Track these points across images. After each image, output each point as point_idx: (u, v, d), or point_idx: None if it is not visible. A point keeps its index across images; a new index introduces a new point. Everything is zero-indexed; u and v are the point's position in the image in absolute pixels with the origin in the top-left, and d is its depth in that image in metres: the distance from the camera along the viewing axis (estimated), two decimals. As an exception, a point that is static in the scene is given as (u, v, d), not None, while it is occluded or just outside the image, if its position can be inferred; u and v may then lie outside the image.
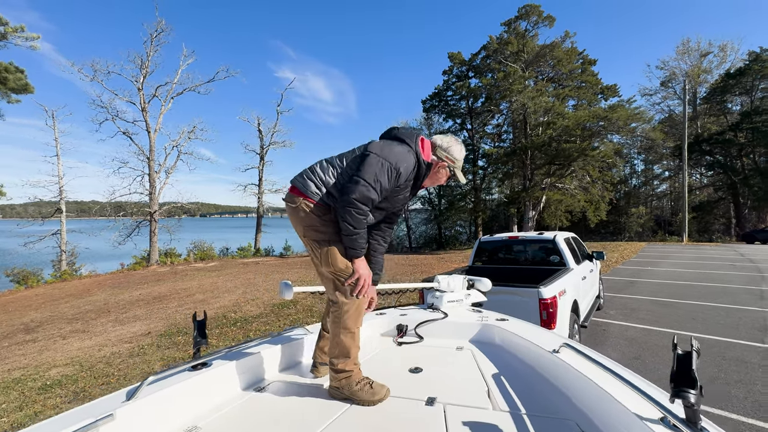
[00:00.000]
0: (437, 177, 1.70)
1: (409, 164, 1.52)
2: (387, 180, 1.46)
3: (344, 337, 1.48)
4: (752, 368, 3.98)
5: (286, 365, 1.69)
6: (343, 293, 1.50)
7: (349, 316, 1.50)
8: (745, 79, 27.60)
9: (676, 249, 18.30)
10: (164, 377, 1.30)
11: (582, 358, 1.30)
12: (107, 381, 4.63)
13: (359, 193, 1.40)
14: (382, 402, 1.32)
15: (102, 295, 11.75)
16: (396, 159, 1.48)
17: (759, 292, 7.72)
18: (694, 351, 0.89)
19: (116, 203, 20.83)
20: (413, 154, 1.55)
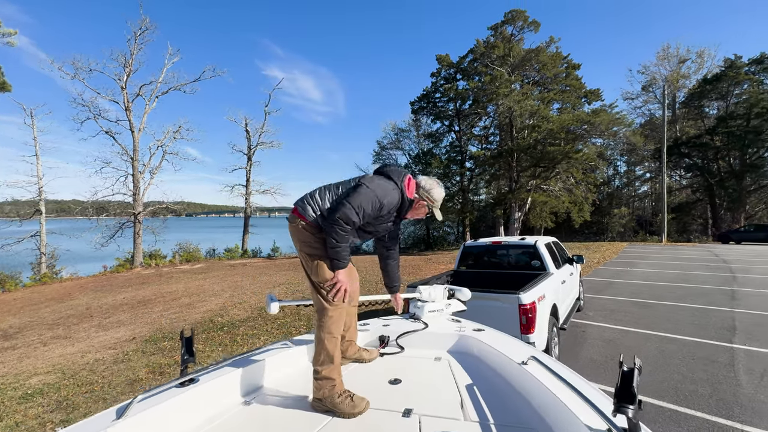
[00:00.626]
0: (418, 212, 1.96)
1: (393, 200, 1.77)
2: (370, 208, 1.69)
3: (328, 342, 1.64)
4: (719, 367, 4.20)
5: (271, 379, 1.76)
6: (327, 300, 1.69)
7: (333, 321, 1.69)
8: (721, 84, 28.63)
9: (656, 249, 18.90)
10: (153, 395, 1.35)
11: (545, 371, 1.41)
12: (91, 389, 4.59)
13: (343, 213, 1.62)
14: (361, 414, 1.41)
15: (84, 299, 11.52)
16: (382, 193, 1.73)
17: (730, 292, 8.08)
18: (636, 369, 1.00)
19: (99, 203, 20.36)
20: (398, 192, 1.81)
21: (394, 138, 31.16)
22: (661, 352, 4.71)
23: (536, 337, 3.64)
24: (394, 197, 1.78)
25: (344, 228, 1.63)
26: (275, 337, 6.06)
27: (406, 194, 1.84)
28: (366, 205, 1.67)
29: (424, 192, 1.90)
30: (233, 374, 1.58)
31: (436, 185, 1.93)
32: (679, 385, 3.82)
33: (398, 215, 1.89)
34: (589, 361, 4.51)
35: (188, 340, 1.50)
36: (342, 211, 1.62)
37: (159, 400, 1.32)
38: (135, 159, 20.19)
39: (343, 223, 1.62)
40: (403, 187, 1.83)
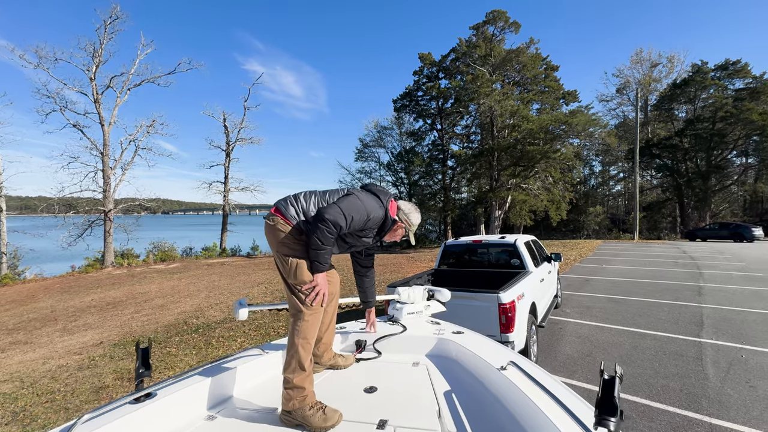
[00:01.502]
0: (395, 234, 2.01)
1: (378, 216, 1.82)
2: (358, 218, 1.72)
3: (302, 348, 1.57)
4: (688, 362, 4.35)
5: (239, 390, 1.65)
6: (304, 303, 1.64)
7: (309, 326, 1.63)
8: (689, 89, 29.94)
9: (629, 246, 19.60)
10: (102, 413, 1.23)
11: (525, 377, 1.37)
12: (52, 398, 4.32)
13: (333, 215, 1.63)
14: (334, 428, 1.33)
15: (49, 302, 10.91)
16: (370, 207, 1.78)
17: (697, 288, 8.43)
18: (617, 377, 0.96)
19: (66, 200, 19.31)
20: (383, 210, 1.86)
21: (376, 136, 31.09)
22: (634, 348, 4.84)
23: (515, 336, 3.66)
24: (379, 214, 1.83)
25: (331, 230, 1.63)
26: (253, 339, 5.88)
27: (390, 214, 1.89)
28: (355, 213, 1.70)
29: (403, 215, 1.95)
30: (196, 386, 1.46)
31: (414, 210, 1.99)
32: (651, 380, 3.92)
33: (378, 233, 1.93)
34: (566, 358, 4.58)
35: (144, 351, 1.38)
36: (332, 213, 1.63)
37: (108, 420, 1.20)
38: (105, 154, 19.26)
39: (331, 224, 1.62)
40: (387, 207, 1.88)
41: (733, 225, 22.89)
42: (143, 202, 21.85)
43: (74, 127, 18.91)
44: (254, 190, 26.35)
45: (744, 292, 7.85)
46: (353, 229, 1.76)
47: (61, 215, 19.16)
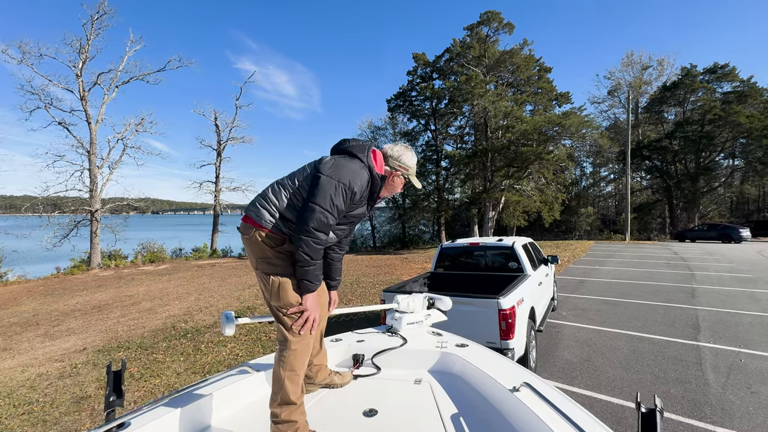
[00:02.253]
0: (393, 186, 1.71)
1: (363, 181, 1.50)
2: (342, 202, 1.44)
3: (289, 381, 1.38)
4: (687, 366, 4.29)
5: (221, 417, 1.49)
6: (291, 331, 1.44)
7: (297, 356, 1.43)
8: (679, 92, 30.38)
9: (621, 247, 19.75)
10: None
11: (541, 401, 1.25)
12: (29, 410, 4.09)
13: (316, 221, 1.37)
14: None
15: (31, 305, 10.54)
16: (349, 178, 1.45)
17: (690, 290, 8.45)
18: (657, 411, 0.85)
19: (50, 200, 18.78)
20: (366, 169, 1.54)
21: (370, 136, 30.87)
22: (633, 352, 4.78)
23: (516, 343, 3.55)
24: (363, 178, 1.51)
25: (319, 240, 1.38)
26: (243, 345, 5.70)
27: (375, 171, 1.58)
28: (337, 199, 1.42)
29: (394, 161, 1.66)
30: (175, 414, 1.31)
31: (405, 150, 1.69)
32: (652, 386, 3.85)
33: (371, 196, 1.63)
34: (565, 363, 4.50)
35: (116, 375, 1.22)
36: (312, 218, 1.36)
37: None
38: (92, 152, 18.78)
39: (317, 233, 1.37)
40: (370, 164, 1.57)
41: (721, 226, 23.24)
42: (132, 202, 21.40)
43: (60, 125, 18.43)
44: (246, 190, 26.01)
45: (736, 294, 7.88)
46: (342, 214, 1.50)
47: (45, 215, 18.64)
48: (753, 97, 26.97)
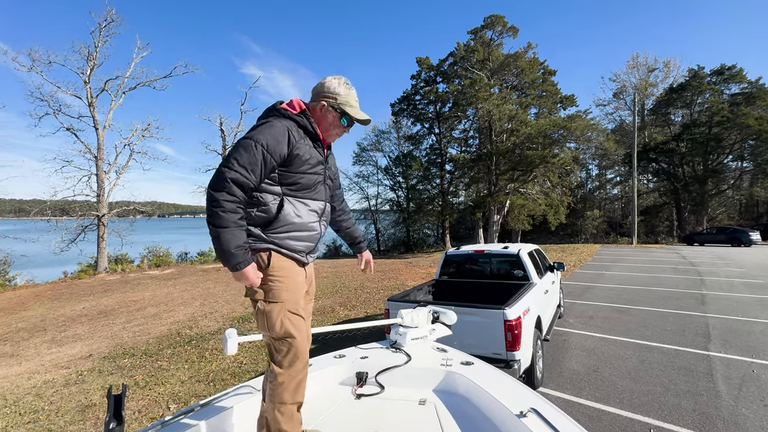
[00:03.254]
0: (325, 123, 1.52)
1: (277, 131, 1.36)
2: (254, 156, 1.29)
3: (279, 413, 1.31)
4: (698, 377, 4.20)
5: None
6: (277, 363, 1.36)
7: (285, 389, 1.34)
8: (686, 93, 30.09)
9: (628, 251, 19.53)
10: None
11: (548, 428, 1.21)
12: (35, 418, 4.11)
13: (214, 178, 1.27)
14: None
15: (39, 310, 10.64)
16: (253, 133, 1.34)
17: (700, 296, 8.31)
18: None
19: (59, 204, 19.02)
20: (279, 117, 1.42)
21: (374, 139, 30.98)
22: (641, 362, 4.69)
23: (522, 354, 3.50)
24: (277, 127, 1.36)
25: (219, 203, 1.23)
26: (248, 353, 5.68)
27: (291, 113, 1.45)
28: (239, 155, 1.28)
29: (317, 93, 1.51)
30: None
31: (332, 79, 1.52)
32: (662, 397, 3.77)
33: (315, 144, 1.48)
34: (572, 374, 4.43)
35: (117, 399, 1.20)
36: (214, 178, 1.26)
37: None
38: (99, 158, 19.02)
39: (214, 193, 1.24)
40: (284, 112, 1.44)
41: (730, 229, 22.91)
42: (138, 206, 21.61)
43: (68, 131, 18.72)
44: (251, 194, 26.11)
45: (747, 301, 7.74)
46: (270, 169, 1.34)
47: (54, 219, 18.88)
48: (762, 99, 26.62)
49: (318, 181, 1.51)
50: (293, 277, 1.43)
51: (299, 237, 1.46)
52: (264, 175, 1.34)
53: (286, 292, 1.39)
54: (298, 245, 1.46)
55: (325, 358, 2.05)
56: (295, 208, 1.44)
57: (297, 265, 1.48)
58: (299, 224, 1.45)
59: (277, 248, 1.41)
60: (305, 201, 1.47)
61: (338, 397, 1.77)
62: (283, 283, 1.39)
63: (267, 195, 1.39)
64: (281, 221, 1.41)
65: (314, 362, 2.00)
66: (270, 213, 1.39)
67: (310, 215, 1.49)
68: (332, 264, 18.52)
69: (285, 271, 1.41)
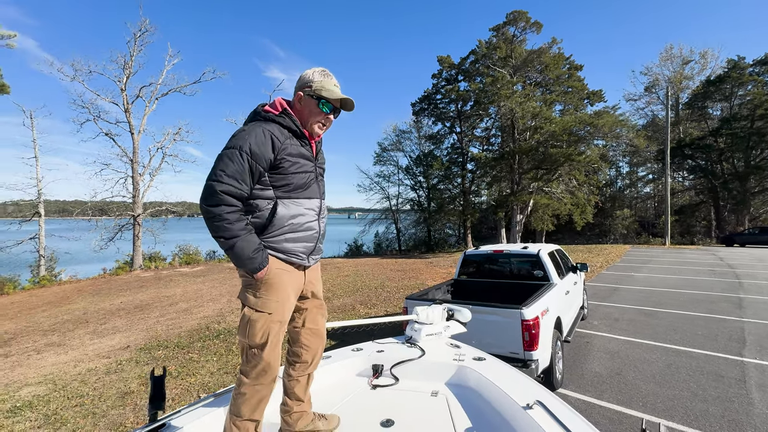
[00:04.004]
0: (306, 114, 1.47)
1: (258, 134, 1.33)
2: (234, 163, 1.28)
3: (234, 426, 1.30)
4: (729, 384, 4.04)
5: None
6: (246, 372, 1.34)
7: (246, 401, 1.32)
8: (725, 86, 28.40)
9: (659, 252, 18.69)
10: None
11: (552, 420, 1.27)
12: (81, 402, 4.47)
13: (205, 193, 1.26)
14: None
15: (81, 303, 11.41)
16: (236, 141, 1.32)
17: (737, 300, 7.90)
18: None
19: (98, 205, 20.27)
20: (260, 122, 1.41)
21: (395, 139, 31.03)
22: (668, 366, 4.55)
23: (540, 354, 3.50)
24: (256, 131, 1.34)
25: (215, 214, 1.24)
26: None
27: (272, 113, 1.43)
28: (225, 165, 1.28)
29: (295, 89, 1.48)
30: (212, 416, 1.44)
31: (306, 71, 1.49)
32: (689, 403, 3.67)
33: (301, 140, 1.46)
34: (594, 376, 4.36)
35: (158, 380, 1.36)
36: (203, 193, 1.26)
37: None
38: (135, 161, 20.10)
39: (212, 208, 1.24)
40: (264, 114, 1.44)
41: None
42: (170, 206, 22.66)
43: (106, 136, 19.86)
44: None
45: (790, 305, 7.29)
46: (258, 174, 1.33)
47: (94, 219, 20.12)
48: (811, 90, 24.77)
49: (310, 179, 1.49)
50: (285, 288, 1.41)
51: (296, 238, 1.44)
52: (254, 182, 1.34)
53: (276, 304, 1.37)
54: (296, 247, 1.44)
55: (343, 351, 2.16)
56: (290, 210, 1.42)
57: (295, 270, 1.46)
58: (295, 225, 1.43)
59: (275, 253, 1.39)
60: (300, 201, 1.45)
61: (355, 386, 1.88)
62: (277, 292, 1.38)
63: (260, 200, 1.38)
64: (276, 224, 1.39)
65: (333, 354, 2.12)
66: (264, 218, 1.38)
67: (306, 215, 1.47)
68: (354, 263, 18.76)
69: (278, 282, 1.39)
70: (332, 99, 1.47)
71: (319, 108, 1.46)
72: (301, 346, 1.55)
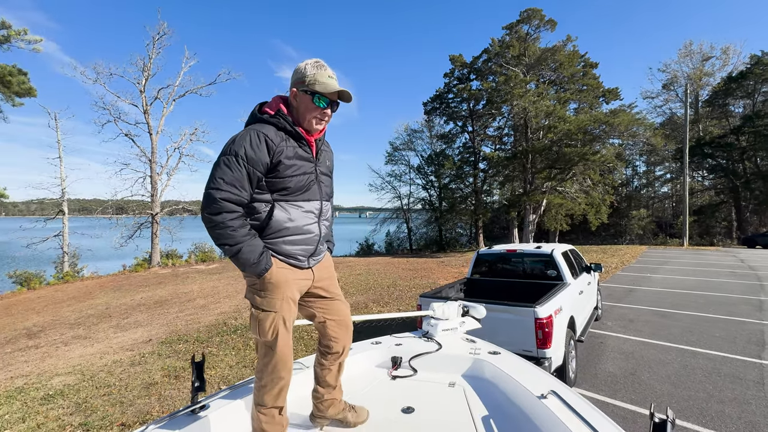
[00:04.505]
0: (301, 110, 1.44)
1: (252, 139, 1.32)
2: (232, 170, 1.28)
3: (261, 414, 1.36)
4: (747, 385, 4.01)
5: None
6: (263, 366, 1.40)
7: (267, 392, 1.38)
8: (747, 82, 27.56)
9: (677, 253, 18.29)
10: (165, 422, 1.34)
11: (566, 408, 1.34)
12: (109, 391, 4.69)
13: (206, 202, 1.26)
14: None
15: (104, 299, 11.84)
16: (232, 147, 1.31)
17: (758, 302, 7.73)
18: (669, 422, 0.93)
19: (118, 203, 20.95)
20: (256, 124, 1.39)
21: (406, 139, 31.07)
22: (684, 367, 4.53)
23: (553, 352, 3.54)
24: (251, 136, 1.33)
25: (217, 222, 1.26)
26: (287, 343, 6.07)
27: (268, 115, 1.41)
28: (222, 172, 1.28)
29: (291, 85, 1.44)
30: (244, 401, 1.56)
31: (298, 65, 1.45)
32: (705, 404, 3.65)
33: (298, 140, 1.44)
34: (608, 376, 4.37)
35: (198, 365, 1.48)
36: (204, 202, 1.26)
37: (171, 428, 1.31)
38: (153, 161, 20.67)
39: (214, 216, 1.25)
40: (261, 117, 1.42)
41: (800, 231, 20.75)
42: (186, 205, 23.21)
43: (126, 136, 20.49)
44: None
45: (814, 309, 7.11)
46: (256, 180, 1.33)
47: (114, 217, 20.79)
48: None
49: (310, 180, 1.46)
50: (290, 286, 1.42)
51: (294, 241, 1.43)
52: (253, 187, 1.34)
53: (281, 302, 1.39)
54: (293, 249, 1.44)
55: (362, 344, 2.26)
56: (288, 213, 1.41)
57: (296, 270, 1.46)
58: (293, 228, 1.42)
59: (273, 254, 1.40)
60: (299, 204, 1.43)
61: (375, 377, 1.97)
62: (281, 291, 1.39)
63: (259, 204, 1.39)
64: (272, 227, 1.39)
65: (353, 347, 2.22)
66: (261, 220, 1.39)
67: (305, 217, 1.46)
68: (366, 262, 18.91)
69: (282, 280, 1.40)
70: (327, 93, 1.41)
71: (315, 104, 1.41)
72: (330, 339, 1.58)
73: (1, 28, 14.51)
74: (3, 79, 14.09)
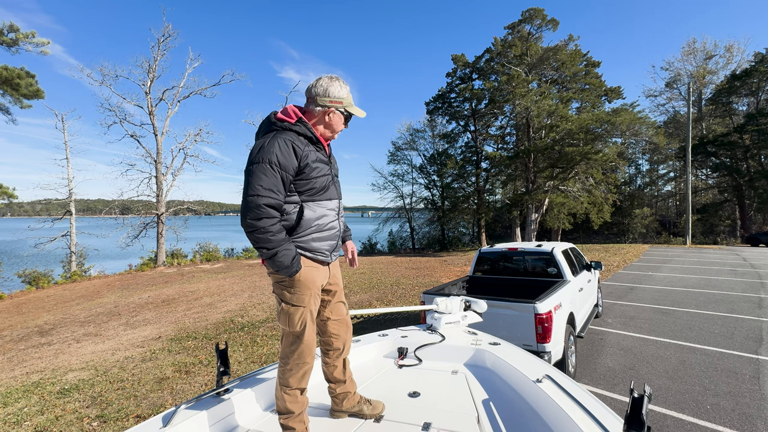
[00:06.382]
0: (333, 126, 1.61)
1: (281, 145, 1.42)
2: (274, 176, 1.39)
3: (285, 394, 1.49)
4: (743, 380, 4.11)
5: None
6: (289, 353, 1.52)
7: (293, 375, 1.51)
8: (751, 80, 27.45)
9: (680, 252, 18.32)
10: (194, 403, 1.48)
11: (559, 390, 1.47)
12: (122, 386, 4.85)
13: (247, 209, 1.35)
14: (382, 425, 1.50)
15: (112, 297, 12.04)
16: (263, 155, 1.40)
17: (758, 300, 7.81)
18: (645, 396, 1.05)
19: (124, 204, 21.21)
20: (279, 131, 1.48)
21: (409, 138, 31.14)
22: (682, 363, 4.63)
23: (552, 347, 3.66)
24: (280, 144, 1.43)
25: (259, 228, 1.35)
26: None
27: (289, 122, 1.50)
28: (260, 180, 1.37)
29: (323, 99, 1.55)
30: (263, 384, 1.70)
31: (329, 82, 1.57)
32: (700, 397, 3.76)
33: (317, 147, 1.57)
34: (607, 370, 4.48)
35: (222, 352, 1.62)
36: (245, 210, 1.36)
37: (200, 408, 1.44)
38: (158, 161, 20.89)
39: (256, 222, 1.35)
40: (282, 125, 1.50)
41: (804, 229, 20.71)
42: (190, 205, 23.44)
43: (132, 138, 20.71)
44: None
45: (814, 306, 7.18)
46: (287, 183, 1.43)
47: (120, 217, 21.05)
48: None
49: (329, 181, 1.60)
50: (315, 283, 1.54)
51: (322, 237, 1.56)
52: (286, 191, 1.45)
53: (309, 297, 1.52)
54: (322, 245, 1.57)
55: (370, 336, 2.40)
56: (314, 212, 1.54)
57: (321, 266, 1.59)
58: (321, 226, 1.56)
59: (303, 252, 1.51)
60: (322, 203, 1.57)
61: (382, 366, 2.11)
62: (309, 288, 1.52)
63: (288, 205, 1.49)
64: (303, 226, 1.51)
65: (362, 339, 2.36)
66: (292, 221, 1.50)
67: (328, 215, 1.59)
68: (369, 261, 19.05)
69: (310, 278, 1.52)
70: (359, 115, 1.66)
71: (344, 122, 1.65)
72: (330, 336, 1.70)
73: (9, 32, 14.74)
74: (12, 81, 14.32)
